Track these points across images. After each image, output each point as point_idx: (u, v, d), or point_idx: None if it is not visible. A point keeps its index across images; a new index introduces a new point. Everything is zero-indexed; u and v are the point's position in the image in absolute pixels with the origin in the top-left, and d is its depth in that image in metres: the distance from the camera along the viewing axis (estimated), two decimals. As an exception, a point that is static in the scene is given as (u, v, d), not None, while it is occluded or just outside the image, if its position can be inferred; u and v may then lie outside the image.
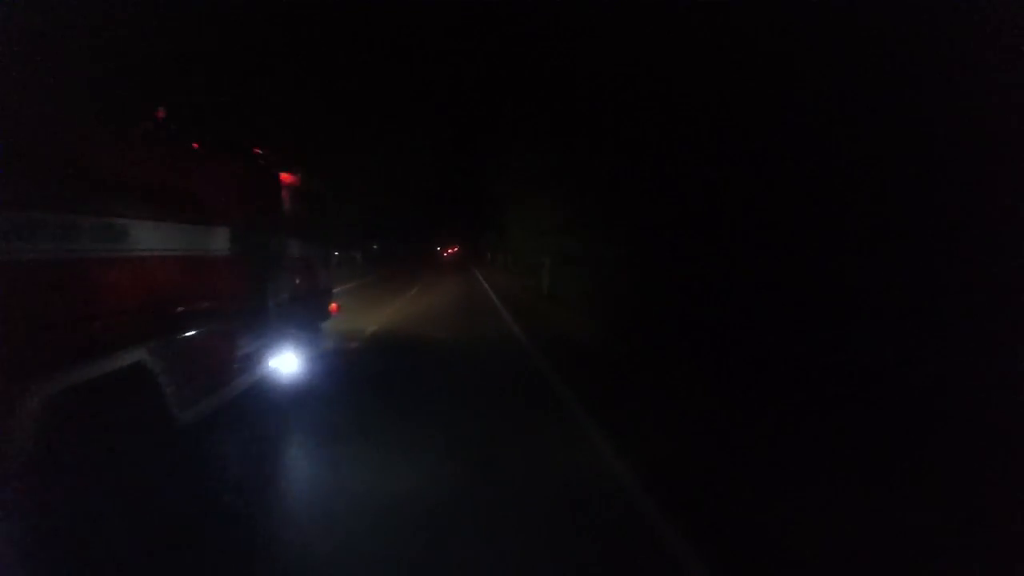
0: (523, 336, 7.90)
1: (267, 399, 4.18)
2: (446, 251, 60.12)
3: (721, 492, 2.80)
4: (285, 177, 4.53)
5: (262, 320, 3.85)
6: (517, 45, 15.08)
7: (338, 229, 18.75)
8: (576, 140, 10.58)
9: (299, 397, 4.41)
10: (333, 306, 6.14)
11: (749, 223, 5.31)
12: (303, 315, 4.86)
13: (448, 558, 2.21)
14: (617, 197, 8.80)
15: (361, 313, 9.92)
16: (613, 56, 7.84)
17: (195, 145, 3.60)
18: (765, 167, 4.94)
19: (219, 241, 3.23)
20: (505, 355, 6.78)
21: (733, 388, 4.46)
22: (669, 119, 6.76)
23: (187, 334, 2.83)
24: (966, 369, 2.88)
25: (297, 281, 4.75)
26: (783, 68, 4.46)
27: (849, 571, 2.16)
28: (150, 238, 2.51)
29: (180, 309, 2.78)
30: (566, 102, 10.97)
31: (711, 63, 5.52)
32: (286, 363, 4.40)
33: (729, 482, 2.90)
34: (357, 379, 5.31)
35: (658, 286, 6.96)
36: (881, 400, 3.24)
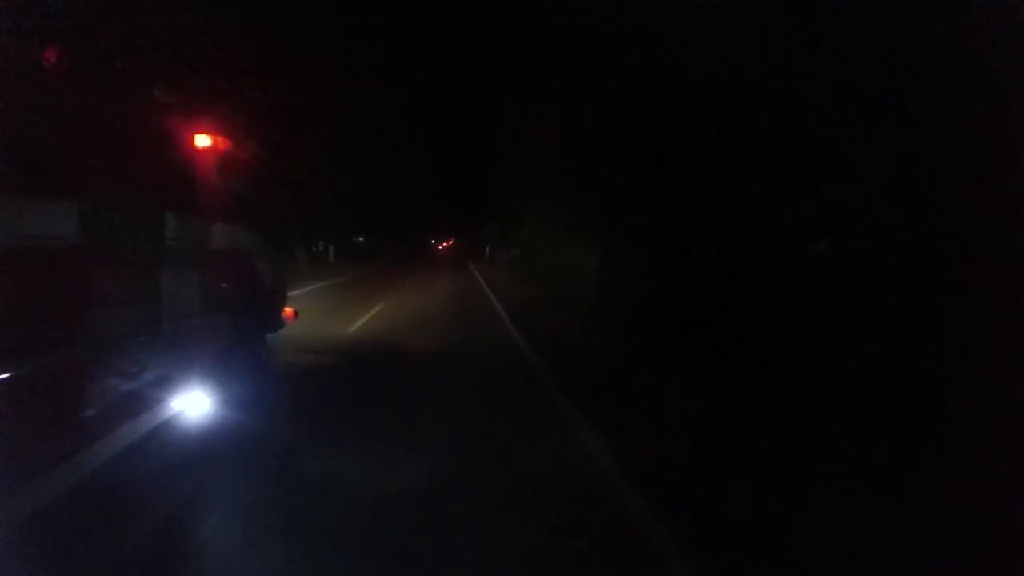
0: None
1: (148, 468, 2.74)
2: (441, 245, 60.02)
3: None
4: (207, 139, 3.62)
5: (151, 341, 2.90)
6: (521, 16, 14.41)
7: (302, 216, 16.07)
8: (600, 117, 9.54)
9: (204, 459, 3.00)
10: (288, 311, 5.07)
11: (752, 221, 5.32)
12: (236, 327, 3.90)
13: None
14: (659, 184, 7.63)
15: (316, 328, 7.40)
16: (628, 29, 7.50)
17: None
18: (768, 166, 4.94)
19: (51, 223, 2.18)
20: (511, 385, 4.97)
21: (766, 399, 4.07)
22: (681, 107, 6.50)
23: None
24: (967, 368, 2.91)
25: (224, 283, 3.82)
26: (787, 65, 4.47)
27: (848, 571, 2.15)
28: None
29: None
30: (581, 72, 10.08)
31: (718, 54, 5.49)
32: (198, 401, 3.27)
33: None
34: (300, 427, 3.69)
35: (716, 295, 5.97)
36: (881, 400, 3.24)
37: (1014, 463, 2.38)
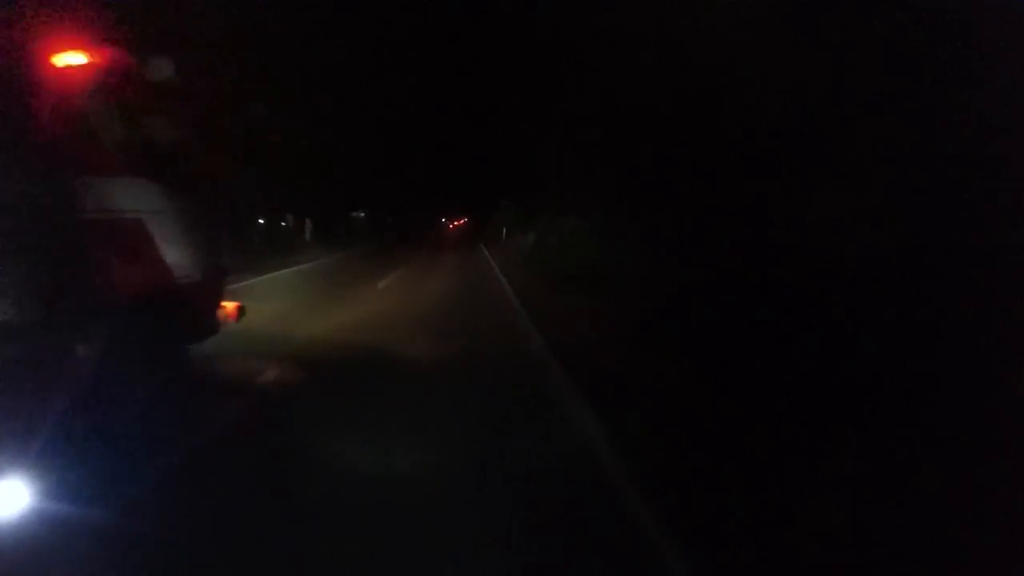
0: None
1: None
2: (452, 224, 58.22)
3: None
4: (83, 56, 2.55)
5: None
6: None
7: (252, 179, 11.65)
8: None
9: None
10: (228, 308, 3.78)
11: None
12: (122, 341, 2.65)
13: None
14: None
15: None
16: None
17: None
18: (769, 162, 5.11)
19: None
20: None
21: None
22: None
23: None
24: (971, 367, 2.93)
25: (103, 273, 2.67)
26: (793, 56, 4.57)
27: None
28: None
29: None
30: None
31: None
32: (19, 489, 2.03)
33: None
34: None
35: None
36: (884, 400, 3.17)
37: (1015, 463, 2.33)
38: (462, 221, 57.23)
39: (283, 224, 20.97)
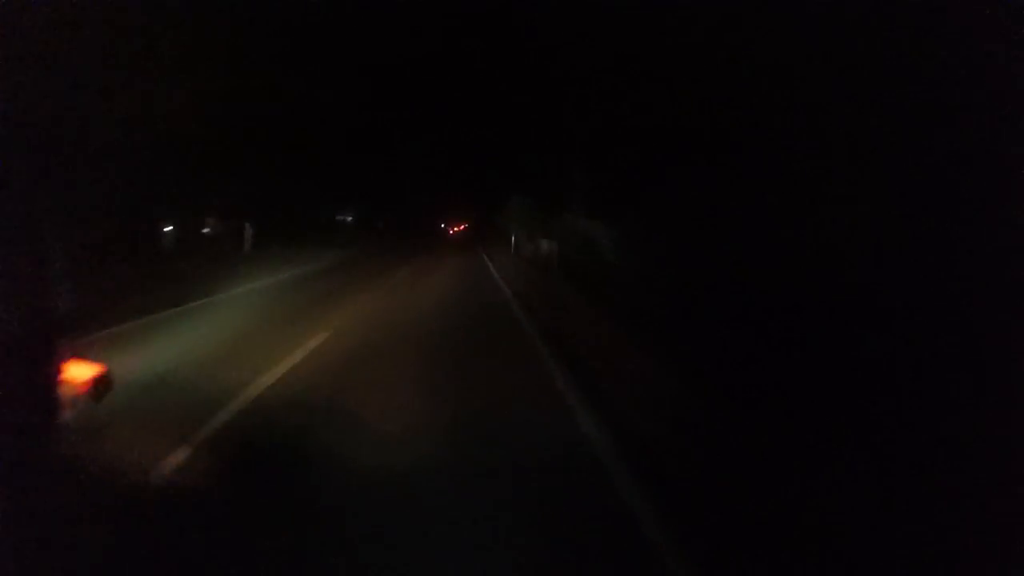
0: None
1: None
2: (452, 229, 56.16)
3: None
4: None
5: None
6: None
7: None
8: None
9: None
10: (78, 380, 2.31)
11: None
12: None
13: None
14: None
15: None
16: None
17: None
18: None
19: None
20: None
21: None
22: None
23: None
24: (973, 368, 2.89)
25: None
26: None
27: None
28: None
29: None
30: None
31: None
32: None
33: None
34: None
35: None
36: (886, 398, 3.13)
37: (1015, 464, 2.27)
38: (463, 226, 55.33)
39: (204, 232, 16.00)
